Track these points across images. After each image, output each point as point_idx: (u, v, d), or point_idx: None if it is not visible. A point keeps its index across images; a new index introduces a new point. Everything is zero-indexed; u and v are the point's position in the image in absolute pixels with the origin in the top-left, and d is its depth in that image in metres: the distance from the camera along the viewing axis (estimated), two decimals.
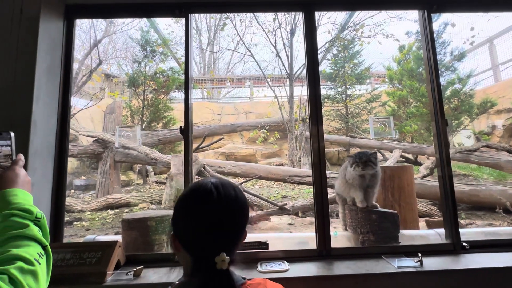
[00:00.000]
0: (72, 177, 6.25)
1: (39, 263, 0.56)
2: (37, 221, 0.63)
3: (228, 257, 0.61)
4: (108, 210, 4.54)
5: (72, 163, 6.68)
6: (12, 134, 0.73)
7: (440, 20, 6.54)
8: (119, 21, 7.22)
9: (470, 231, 1.71)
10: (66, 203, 1.65)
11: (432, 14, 1.76)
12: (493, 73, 8.30)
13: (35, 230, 0.60)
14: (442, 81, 6.62)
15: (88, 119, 7.91)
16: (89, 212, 4.43)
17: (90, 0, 1.69)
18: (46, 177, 1.51)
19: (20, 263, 0.53)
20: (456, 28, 6.47)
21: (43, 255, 0.58)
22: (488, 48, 8.34)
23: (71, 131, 1.69)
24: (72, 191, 5.77)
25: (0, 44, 1.43)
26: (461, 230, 1.52)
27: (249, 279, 0.71)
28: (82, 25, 6.99)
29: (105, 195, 4.94)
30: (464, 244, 1.47)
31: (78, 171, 6.87)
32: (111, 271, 1.28)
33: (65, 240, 1.62)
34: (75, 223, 4.08)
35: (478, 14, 6.07)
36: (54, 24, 1.60)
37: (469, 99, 6.44)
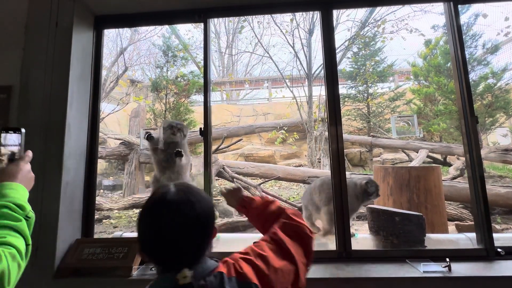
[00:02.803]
0: (101, 178, 6.64)
1: (22, 259, 0.59)
2: (27, 219, 0.64)
3: (191, 271, 0.60)
4: (134, 209, 4.76)
5: (101, 165, 7.10)
6: (23, 130, 0.75)
7: (470, 11, 6.12)
8: (142, 29, 7.59)
9: (505, 236, 1.59)
10: (96, 202, 1.77)
11: (459, 6, 1.67)
12: None
13: (25, 226, 0.63)
14: (474, 76, 6.17)
15: (115, 122, 8.36)
16: (116, 211, 4.67)
17: (117, 10, 1.80)
18: (79, 177, 1.63)
19: (14, 251, 0.56)
20: (489, 19, 6.03)
21: (26, 252, 0.61)
22: None
23: (100, 134, 1.81)
24: (101, 190, 6.12)
25: (39, 55, 1.57)
26: (495, 235, 1.41)
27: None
28: (109, 35, 7.44)
29: (131, 194, 5.19)
30: (499, 250, 1.37)
31: (106, 172, 7.29)
32: (137, 265, 1.35)
33: (95, 237, 1.73)
34: (104, 220, 4.33)
35: None
36: (85, 34, 1.72)
37: (505, 95, 5.94)
